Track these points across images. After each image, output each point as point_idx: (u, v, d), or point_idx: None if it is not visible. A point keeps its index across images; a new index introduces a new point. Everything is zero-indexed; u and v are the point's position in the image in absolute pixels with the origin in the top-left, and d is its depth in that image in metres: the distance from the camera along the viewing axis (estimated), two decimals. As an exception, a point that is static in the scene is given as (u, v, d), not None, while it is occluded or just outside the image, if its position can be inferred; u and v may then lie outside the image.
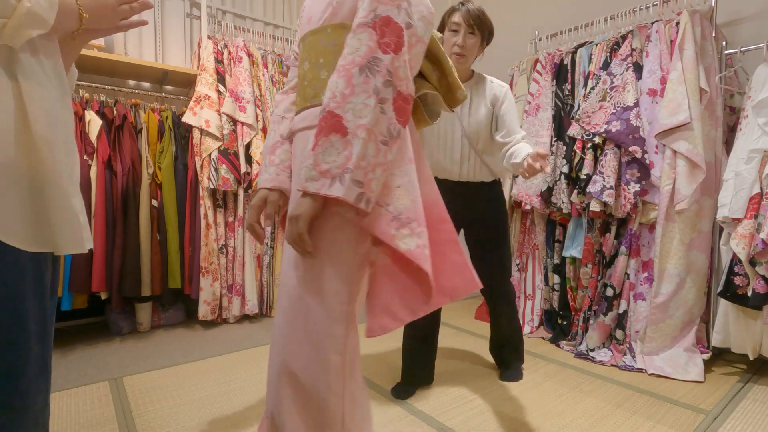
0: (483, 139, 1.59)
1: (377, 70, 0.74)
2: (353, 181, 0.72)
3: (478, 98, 1.59)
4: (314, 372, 0.78)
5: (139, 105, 2.35)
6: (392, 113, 0.75)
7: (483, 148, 1.60)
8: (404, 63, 0.77)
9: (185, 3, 2.84)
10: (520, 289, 2.50)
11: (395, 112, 0.76)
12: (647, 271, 1.98)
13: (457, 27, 1.51)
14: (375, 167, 0.74)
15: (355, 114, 0.73)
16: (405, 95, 0.78)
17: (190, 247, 2.37)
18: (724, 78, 1.92)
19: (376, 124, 0.74)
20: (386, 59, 0.75)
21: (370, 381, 1.76)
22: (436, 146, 1.60)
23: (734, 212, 1.71)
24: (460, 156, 1.59)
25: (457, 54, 1.52)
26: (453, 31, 1.52)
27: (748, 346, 1.73)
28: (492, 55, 3.18)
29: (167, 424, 1.41)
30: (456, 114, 1.59)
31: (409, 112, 0.79)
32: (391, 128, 0.76)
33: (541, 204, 2.31)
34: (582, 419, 1.46)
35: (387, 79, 0.75)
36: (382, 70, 0.74)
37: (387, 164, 0.76)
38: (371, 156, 0.73)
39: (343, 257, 0.79)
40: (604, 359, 1.96)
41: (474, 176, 1.61)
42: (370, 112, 0.73)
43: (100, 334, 2.31)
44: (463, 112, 1.58)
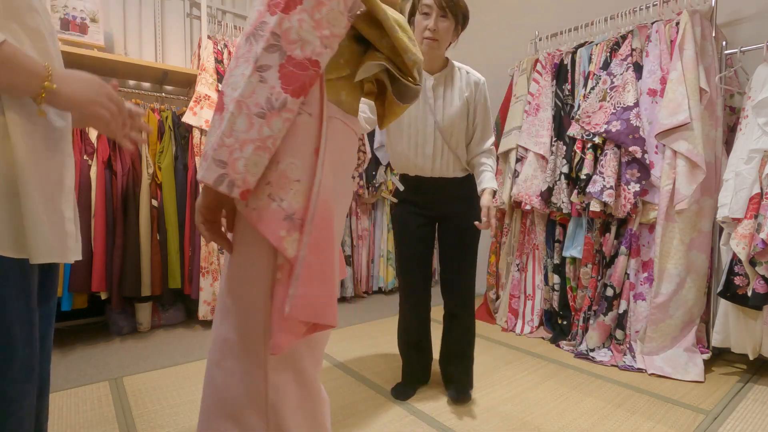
0: (457, 133, 1.52)
1: (260, 35, 0.64)
2: (215, 160, 0.64)
3: (452, 89, 1.51)
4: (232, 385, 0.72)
5: (139, 105, 2.35)
6: (276, 81, 0.64)
7: (457, 143, 1.53)
8: (298, 23, 0.65)
9: (185, 3, 2.84)
10: (520, 289, 2.50)
11: (281, 80, 0.64)
12: (647, 271, 1.98)
13: (428, 9, 1.39)
14: (244, 144, 0.63)
15: (233, 87, 0.64)
16: (299, 60, 0.65)
17: (190, 247, 2.37)
18: (724, 78, 1.92)
19: (250, 94, 0.63)
20: (272, 21, 0.64)
21: (370, 381, 1.76)
22: (407, 141, 1.53)
23: (734, 212, 1.71)
24: (432, 151, 1.51)
25: (429, 38, 1.41)
26: (424, 14, 1.40)
27: (748, 346, 1.73)
28: (492, 55, 3.19)
29: (167, 424, 1.41)
30: (429, 106, 1.50)
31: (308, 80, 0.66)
32: (273, 98, 0.64)
33: (541, 204, 2.31)
34: (582, 419, 1.46)
35: (271, 43, 0.64)
36: (266, 34, 0.64)
37: (264, 140, 0.64)
38: (240, 131, 0.63)
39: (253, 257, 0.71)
40: (604, 359, 1.96)
41: (447, 172, 1.54)
42: (245, 81, 0.63)
43: (100, 334, 2.31)
44: (436, 105, 1.50)
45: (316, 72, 0.67)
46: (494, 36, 3.18)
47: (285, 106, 0.65)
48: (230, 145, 0.63)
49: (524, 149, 2.43)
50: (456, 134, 1.52)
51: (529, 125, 2.40)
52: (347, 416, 1.48)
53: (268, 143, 0.64)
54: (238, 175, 0.64)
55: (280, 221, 0.66)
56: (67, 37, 2.17)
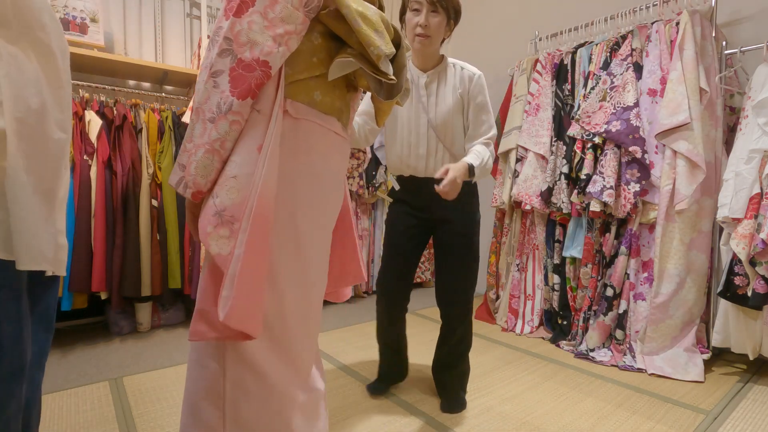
0: (451, 132, 1.45)
1: (216, 41, 0.66)
2: (178, 164, 0.69)
3: (445, 86, 1.44)
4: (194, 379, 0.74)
5: (139, 105, 2.35)
6: (227, 86, 0.66)
7: (452, 141, 1.45)
8: (248, 25, 0.65)
9: (185, 3, 2.84)
10: (520, 288, 2.50)
11: (230, 83, 0.66)
12: (647, 271, 1.98)
13: (418, 6, 1.34)
14: (198, 148, 0.66)
15: (197, 94, 0.68)
16: (247, 62, 0.66)
17: (190, 247, 2.37)
18: (724, 78, 1.92)
19: (206, 101, 0.66)
20: (226, 25, 0.65)
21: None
22: (400, 141, 1.48)
23: (734, 212, 1.71)
24: (426, 151, 1.45)
25: (421, 35, 1.35)
26: (414, 11, 1.35)
27: (748, 346, 1.73)
28: (492, 55, 3.19)
29: (167, 424, 1.41)
30: (422, 105, 1.45)
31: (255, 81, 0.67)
32: (221, 102, 0.66)
33: (541, 204, 2.31)
34: (582, 419, 1.46)
35: (224, 48, 0.65)
36: (220, 39, 0.66)
37: (212, 144, 0.66)
38: (197, 137, 0.67)
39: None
40: (604, 359, 1.96)
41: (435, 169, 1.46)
42: (202, 88, 0.67)
43: (100, 334, 2.31)
44: (429, 103, 1.45)
45: (265, 72, 0.67)
46: (494, 36, 3.18)
47: (231, 108, 0.66)
48: (189, 150, 0.67)
49: (524, 149, 2.43)
50: (451, 132, 1.45)
51: (529, 125, 2.40)
52: (347, 416, 1.48)
53: (216, 146, 0.67)
54: (190, 177, 0.67)
55: (209, 217, 0.67)
56: (67, 37, 2.17)
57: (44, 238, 0.65)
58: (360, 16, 0.71)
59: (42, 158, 0.65)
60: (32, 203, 0.63)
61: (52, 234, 0.67)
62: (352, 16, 0.71)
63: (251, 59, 0.66)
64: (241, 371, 0.72)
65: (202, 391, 0.73)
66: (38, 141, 0.65)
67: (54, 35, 0.67)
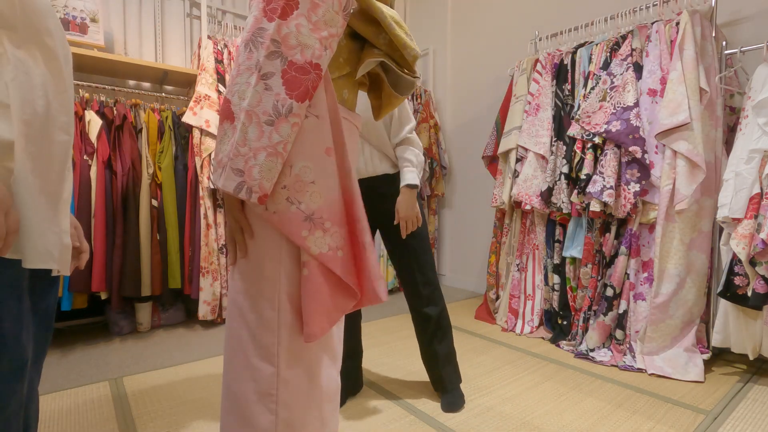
0: (374, 129, 1.48)
1: (260, 42, 0.66)
2: (233, 169, 0.67)
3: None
4: (242, 382, 0.73)
5: (139, 105, 2.35)
6: (281, 87, 0.66)
7: (378, 138, 1.50)
8: (296, 28, 0.66)
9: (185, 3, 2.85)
10: (520, 288, 2.50)
11: (285, 86, 0.66)
12: (647, 271, 1.98)
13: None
14: (257, 152, 0.67)
15: (240, 96, 0.67)
16: (300, 65, 0.67)
17: (190, 247, 2.37)
18: (724, 78, 1.92)
19: (258, 103, 0.66)
20: (271, 27, 0.65)
21: (370, 380, 1.76)
22: None
23: (734, 212, 1.71)
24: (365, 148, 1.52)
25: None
26: None
27: (748, 346, 1.73)
28: (492, 55, 3.19)
29: (167, 424, 1.41)
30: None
31: (311, 84, 0.68)
32: (279, 105, 0.66)
33: (541, 204, 2.31)
34: (582, 419, 1.46)
35: (272, 50, 0.65)
36: (266, 41, 0.65)
37: (275, 147, 0.67)
38: (253, 140, 0.66)
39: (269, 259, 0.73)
40: (604, 359, 1.96)
41: (375, 170, 1.51)
42: (252, 91, 0.66)
43: (100, 334, 2.31)
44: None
45: (318, 75, 0.68)
46: (494, 36, 3.18)
47: (291, 111, 0.67)
48: (245, 154, 0.66)
49: (524, 149, 2.43)
50: (373, 130, 1.48)
51: (529, 125, 2.40)
52: (347, 416, 1.48)
53: (279, 148, 0.67)
54: (254, 181, 0.67)
55: (300, 222, 0.70)
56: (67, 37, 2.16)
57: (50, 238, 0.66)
58: (393, 20, 0.76)
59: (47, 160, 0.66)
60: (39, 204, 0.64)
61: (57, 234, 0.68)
62: (387, 21, 0.75)
63: (304, 62, 0.67)
64: (294, 370, 0.73)
65: (252, 394, 0.72)
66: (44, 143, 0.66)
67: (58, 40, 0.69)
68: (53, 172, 0.68)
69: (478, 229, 3.31)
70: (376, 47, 0.79)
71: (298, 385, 0.74)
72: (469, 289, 3.40)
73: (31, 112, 0.63)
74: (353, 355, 1.63)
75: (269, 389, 0.72)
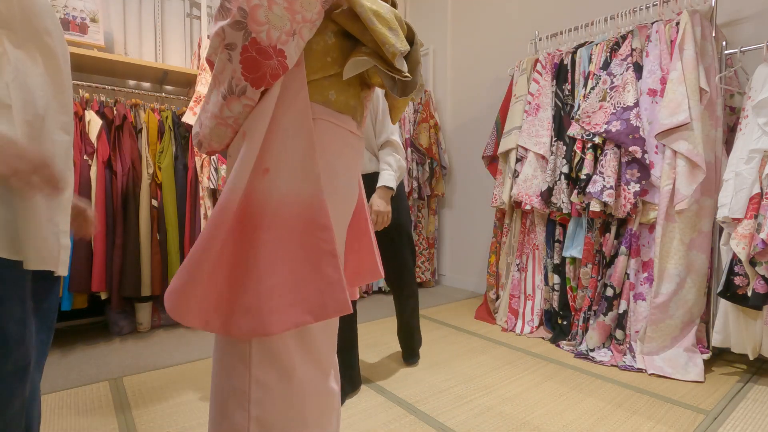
0: (367, 134, 1.66)
1: (228, 8, 0.61)
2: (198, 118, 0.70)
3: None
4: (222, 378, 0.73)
5: (139, 105, 2.35)
6: (238, 65, 0.62)
7: (368, 139, 1.67)
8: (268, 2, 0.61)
9: (185, 3, 2.85)
10: (520, 288, 2.50)
11: (242, 65, 0.62)
12: (647, 271, 1.98)
13: None
14: (211, 117, 0.68)
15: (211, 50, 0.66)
16: (263, 46, 0.61)
17: (190, 247, 2.37)
18: (724, 78, 1.92)
19: (221, 71, 0.64)
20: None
21: (370, 380, 1.76)
22: None
23: (734, 212, 1.71)
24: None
25: None
26: None
27: (748, 346, 1.73)
28: (492, 55, 3.19)
29: (167, 424, 1.41)
30: None
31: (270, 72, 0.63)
32: (233, 83, 0.64)
33: (541, 204, 2.31)
34: (582, 419, 1.46)
35: (237, 19, 0.60)
36: (233, 8, 0.61)
37: (225, 120, 0.67)
38: (211, 105, 0.68)
39: None
40: (604, 359, 1.96)
41: (365, 168, 1.68)
42: (218, 58, 0.64)
43: (100, 334, 2.31)
44: None
45: (281, 63, 0.64)
46: (494, 36, 3.18)
47: (244, 93, 0.65)
48: (206, 111, 0.70)
49: (524, 149, 2.43)
50: (366, 136, 1.65)
51: (529, 125, 2.40)
52: (347, 416, 1.48)
53: (229, 122, 0.69)
54: (205, 138, 0.71)
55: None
56: (67, 37, 2.17)
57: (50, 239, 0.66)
58: (374, 15, 0.70)
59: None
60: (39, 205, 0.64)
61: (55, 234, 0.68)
62: (366, 15, 0.70)
63: (268, 45, 0.62)
64: (266, 369, 0.72)
65: (228, 390, 0.72)
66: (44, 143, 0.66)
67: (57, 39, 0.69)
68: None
69: (478, 229, 3.31)
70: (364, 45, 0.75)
71: (271, 386, 0.72)
72: (469, 289, 3.40)
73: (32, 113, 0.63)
74: (349, 347, 1.65)
75: (242, 387, 0.71)
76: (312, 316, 0.71)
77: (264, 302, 0.68)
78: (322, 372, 0.81)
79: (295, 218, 0.71)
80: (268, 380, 0.72)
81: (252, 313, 0.68)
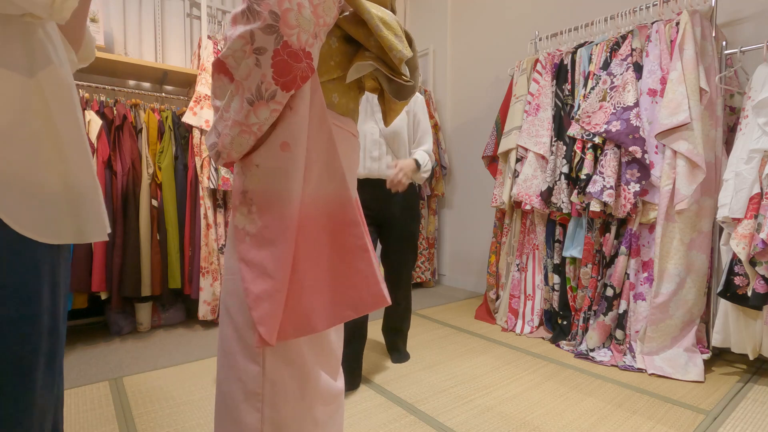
0: (398, 141, 1.79)
1: (257, 12, 0.60)
2: (214, 128, 0.70)
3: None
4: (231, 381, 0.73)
5: (139, 105, 2.35)
6: (269, 69, 0.62)
7: (398, 149, 1.80)
8: (297, 7, 0.60)
9: (185, 3, 2.85)
10: (520, 288, 2.50)
11: (273, 69, 0.61)
12: (647, 271, 1.98)
13: None
14: (234, 124, 0.66)
15: (235, 60, 0.64)
16: (295, 49, 0.61)
17: (190, 247, 2.37)
18: (724, 78, 1.92)
19: (246, 77, 0.63)
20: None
21: (370, 380, 1.76)
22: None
23: (734, 212, 1.71)
24: (378, 154, 1.76)
25: None
26: None
27: (748, 346, 1.73)
28: (492, 55, 3.19)
29: (167, 424, 1.41)
30: (375, 118, 1.76)
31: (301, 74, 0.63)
32: (263, 88, 0.63)
33: (541, 204, 2.31)
34: (582, 419, 1.46)
35: (269, 23, 0.59)
36: (264, 12, 0.59)
37: (249, 126, 0.66)
38: (234, 112, 0.66)
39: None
40: (604, 359, 1.96)
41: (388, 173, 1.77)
42: (243, 62, 0.63)
43: (100, 334, 2.31)
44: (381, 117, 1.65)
45: (309, 65, 0.65)
46: (494, 36, 3.18)
47: (274, 98, 0.64)
48: (226, 120, 0.68)
49: (524, 149, 2.43)
50: (398, 141, 1.78)
51: (529, 125, 2.40)
52: (347, 416, 1.48)
53: (254, 129, 0.67)
54: (224, 149, 0.69)
55: (238, 193, 0.72)
56: (67, 37, 2.17)
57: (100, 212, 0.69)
58: (381, 21, 0.72)
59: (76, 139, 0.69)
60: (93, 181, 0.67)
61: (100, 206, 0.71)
62: (373, 22, 0.71)
63: (299, 48, 0.62)
64: (280, 371, 0.72)
65: (240, 393, 0.72)
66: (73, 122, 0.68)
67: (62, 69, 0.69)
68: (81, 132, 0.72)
69: (478, 229, 3.31)
70: (368, 50, 0.76)
71: (285, 386, 0.73)
72: (469, 289, 3.40)
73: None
74: (358, 338, 1.72)
75: (255, 389, 0.71)
76: (353, 310, 0.74)
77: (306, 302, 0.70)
78: (332, 371, 0.82)
79: (325, 217, 0.72)
80: (282, 381, 0.72)
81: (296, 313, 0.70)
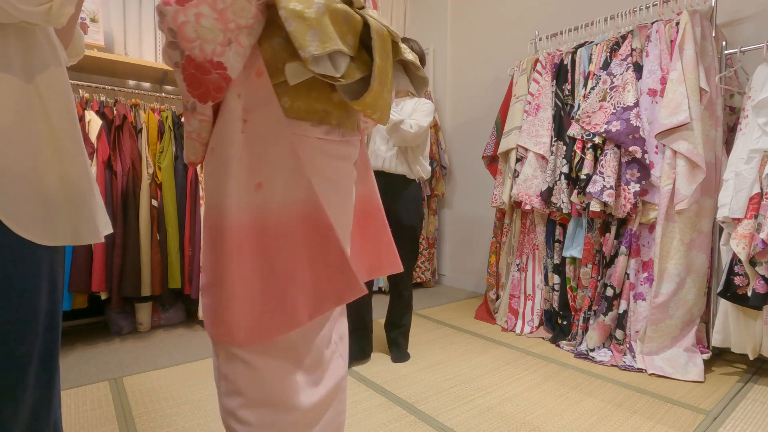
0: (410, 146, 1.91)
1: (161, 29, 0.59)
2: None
3: (404, 108, 1.93)
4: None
5: (139, 105, 2.35)
6: (183, 83, 0.63)
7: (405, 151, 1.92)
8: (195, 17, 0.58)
9: (185, 3, 2.84)
10: (520, 288, 2.50)
11: (186, 81, 0.62)
12: (647, 271, 1.98)
13: None
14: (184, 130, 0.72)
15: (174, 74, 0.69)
16: (199, 62, 0.60)
17: (190, 247, 2.37)
18: (724, 78, 1.91)
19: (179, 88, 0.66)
20: (169, 13, 0.57)
21: (370, 380, 1.76)
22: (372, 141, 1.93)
23: (734, 212, 1.71)
24: (386, 149, 1.90)
25: None
26: None
27: (748, 346, 1.73)
28: (492, 55, 3.19)
29: (167, 424, 1.41)
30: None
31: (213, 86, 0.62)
32: (186, 100, 0.65)
33: (541, 204, 2.31)
34: (582, 419, 1.46)
35: (170, 40, 0.59)
36: (164, 29, 0.59)
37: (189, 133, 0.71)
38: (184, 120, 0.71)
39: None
40: (604, 359, 1.96)
41: (395, 169, 1.90)
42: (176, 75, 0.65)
43: (100, 334, 2.31)
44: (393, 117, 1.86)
45: (222, 75, 0.62)
46: (494, 36, 3.18)
47: (195, 109, 0.67)
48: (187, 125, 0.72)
49: (524, 149, 2.43)
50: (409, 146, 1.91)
51: (529, 125, 2.40)
52: (347, 416, 1.48)
53: (193, 136, 0.71)
54: (184, 152, 0.76)
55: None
56: (67, 37, 2.17)
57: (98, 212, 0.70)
58: (295, 16, 0.63)
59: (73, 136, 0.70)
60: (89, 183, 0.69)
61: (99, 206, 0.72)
62: (284, 17, 0.63)
63: (203, 60, 0.60)
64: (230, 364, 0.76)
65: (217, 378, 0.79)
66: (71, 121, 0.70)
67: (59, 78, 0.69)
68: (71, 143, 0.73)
69: (478, 229, 3.31)
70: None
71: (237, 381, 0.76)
72: (469, 289, 3.40)
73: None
74: (363, 326, 1.95)
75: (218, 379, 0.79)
76: (331, 302, 0.76)
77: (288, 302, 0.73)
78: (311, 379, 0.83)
79: (298, 222, 0.73)
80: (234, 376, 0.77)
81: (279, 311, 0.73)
